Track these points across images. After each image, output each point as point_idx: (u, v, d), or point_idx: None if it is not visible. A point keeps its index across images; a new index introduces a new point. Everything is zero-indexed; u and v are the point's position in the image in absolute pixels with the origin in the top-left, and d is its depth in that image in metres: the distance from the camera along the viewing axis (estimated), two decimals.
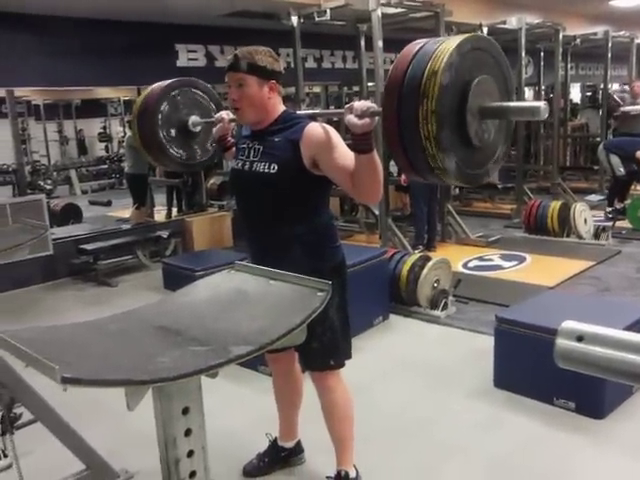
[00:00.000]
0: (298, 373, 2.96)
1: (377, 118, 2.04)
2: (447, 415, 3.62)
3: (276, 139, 2.50)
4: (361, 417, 2.81)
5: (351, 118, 2.04)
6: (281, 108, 2.57)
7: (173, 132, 3.18)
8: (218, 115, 2.90)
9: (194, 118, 3.26)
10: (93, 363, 1.38)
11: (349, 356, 2.72)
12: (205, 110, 3.40)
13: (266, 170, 2.47)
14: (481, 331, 4.70)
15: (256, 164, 2.52)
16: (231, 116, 2.79)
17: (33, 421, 2.58)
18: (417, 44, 1.98)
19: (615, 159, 8.50)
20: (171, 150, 3.21)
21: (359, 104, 2.05)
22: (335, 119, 7.64)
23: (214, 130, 2.89)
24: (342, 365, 2.69)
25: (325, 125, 2.42)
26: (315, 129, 2.42)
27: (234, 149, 2.81)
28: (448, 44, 1.84)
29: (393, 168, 7.51)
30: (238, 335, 1.54)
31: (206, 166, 4.36)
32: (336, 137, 2.38)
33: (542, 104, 1.88)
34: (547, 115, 1.91)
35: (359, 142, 2.12)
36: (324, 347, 2.59)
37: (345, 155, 2.29)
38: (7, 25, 6.59)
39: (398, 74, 1.88)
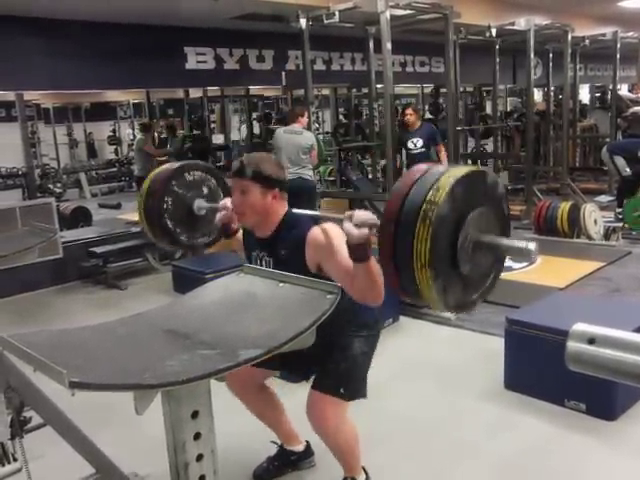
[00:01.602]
0: (265, 389, 2.96)
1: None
2: (458, 417, 3.60)
3: (282, 252, 2.53)
4: (372, 419, 2.80)
5: (349, 227, 1.98)
6: (283, 211, 2.58)
7: (177, 211, 3.14)
8: (222, 202, 2.82)
9: (200, 202, 3.21)
10: (101, 367, 1.38)
11: (362, 395, 2.68)
12: (211, 193, 3.34)
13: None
14: (491, 332, 4.68)
15: None
16: None
17: (43, 425, 2.58)
18: (418, 172, 1.94)
19: (620, 160, 8.50)
20: (170, 228, 3.17)
21: (359, 214, 2.00)
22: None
23: (217, 217, 2.81)
24: (351, 398, 2.63)
25: (327, 227, 2.37)
26: (316, 237, 2.41)
27: (239, 235, 2.83)
28: (450, 175, 1.83)
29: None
30: (247, 338, 1.53)
31: None
32: (337, 240, 2.30)
33: (533, 247, 1.89)
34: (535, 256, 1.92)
35: (355, 251, 2.06)
36: (339, 372, 2.59)
37: (346, 258, 2.21)
38: (17, 29, 6.63)
39: (397, 199, 1.86)
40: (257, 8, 7.21)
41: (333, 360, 2.54)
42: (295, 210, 2.59)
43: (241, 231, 2.83)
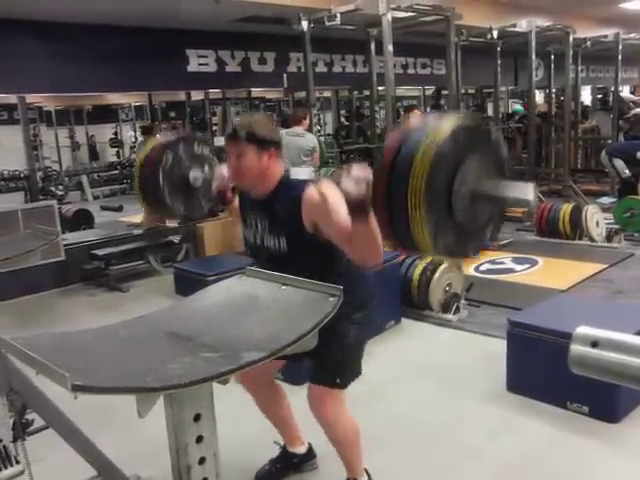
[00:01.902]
0: (275, 386, 2.98)
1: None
2: (460, 419, 3.60)
3: (279, 212, 2.52)
4: (373, 421, 2.80)
5: (347, 183, 1.95)
6: (280, 172, 2.58)
7: (173, 186, 3.15)
8: (219, 171, 2.89)
9: (195, 172, 3.23)
10: (104, 370, 1.38)
11: (357, 375, 2.69)
12: (205, 163, 3.36)
13: (276, 245, 2.54)
14: (493, 335, 4.67)
15: (266, 239, 2.59)
16: None
17: (45, 427, 2.58)
18: (414, 123, 1.93)
19: (619, 162, 8.57)
20: (170, 203, 3.18)
21: (356, 169, 1.97)
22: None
23: (213, 185, 2.90)
24: (347, 384, 2.64)
25: (324, 186, 2.29)
26: (313, 196, 2.37)
27: (236, 203, 2.83)
28: (441, 126, 1.83)
29: None
30: (249, 341, 1.53)
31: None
32: (334, 198, 2.23)
33: (531, 195, 1.89)
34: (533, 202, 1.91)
35: (354, 207, 2.02)
36: (335, 363, 2.60)
37: (344, 219, 2.19)
38: (18, 32, 6.64)
39: (391, 149, 1.84)
40: (259, 11, 7.21)
41: (329, 352, 2.51)
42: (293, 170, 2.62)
43: (237, 198, 2.83)
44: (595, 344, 1.12)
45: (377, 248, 2.19)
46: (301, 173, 2.67)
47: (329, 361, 2.58)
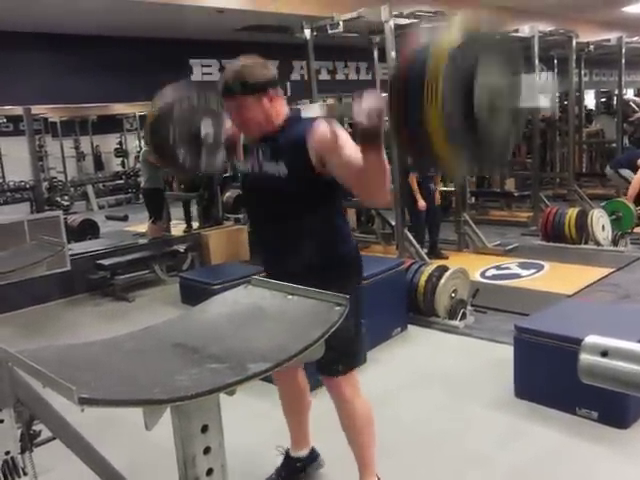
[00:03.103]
0: (302, 378, 2.96)
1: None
2: (468, 426, 3.59)
3: (283, 140, 2.47)
4: (381, 429, 2.78)
5: (359, 110, 1.91)
6: (285, 110, 2.55)
7: (185, 138, 3.17)
8: (227, 123, 2.88)
9: (206, 125, 3.25)
10: (110, 383, 1.38)
11: (361, 361, 2.68)
12: (216, 115, 3.38)
13: (276, 174, 2.47)
14: (500, 341, 4.66)
15: (265, 165, 2.52)
16: None
17: (52, 438, 2.58)
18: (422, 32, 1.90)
19: (626, 172, 8.71)
20: (181, 156, 3.20)
21: (369, 95, 1.93)
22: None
23: (223, 138, 2.85)
24: (351, 369, 2.65)
25: (332, 122, 2.32)
26: (321, 128, 2.37)
27: (241, 151, 2.78)
28: (451, 31, 1.79)
29: None
30: (256, 352, 1.53)
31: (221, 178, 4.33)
32: (343, 134, 2.29)
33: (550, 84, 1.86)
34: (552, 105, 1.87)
35: (366, 136, 1.98)
36: (331, 353, 2.57)
37: (353, 154, 2.21)
38: (23, 44, 6.67)
39: (403, 62, 1.81)
40: (261, 20, 7.24)
41: (330, 347, 2.48)
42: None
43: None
44: (605, 353, 1.12)
45: (385, 186, 2.18)
46: (312, 111, 2.63)
47: (332, 357, 2.56)
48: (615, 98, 12.38)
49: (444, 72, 1.67)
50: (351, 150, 2.22)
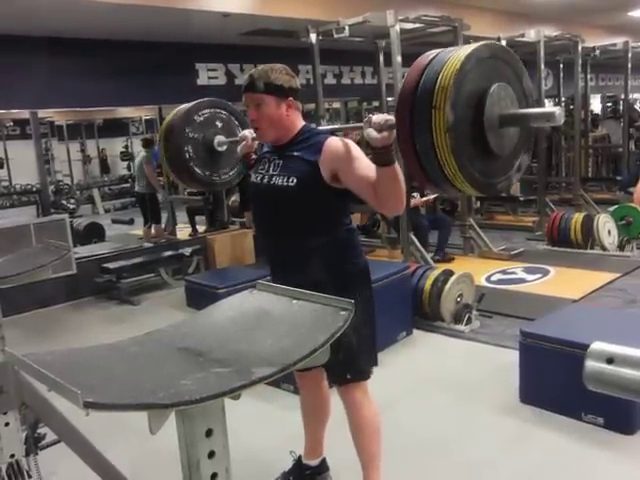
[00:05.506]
0: (326, 388, 2.96)
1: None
2: (473, 431, 3.58)
3: (296, 153, 2.51)
4: (386, 434, 2.78)
5: (370, 131, 2.05)
6: (300, 123, 2.59)
7: (199, 152, 3.18)
8: (242, 134, 2.95)
9: (219, 138, 3.26)
10: (115, 387, 1.37)
11: (372, 367, 2.69)
12: (230, 129, 3.40)
13: (285, 183, 2.49)
14: (506, 345, 4.65)
15: (275, 177, 2.54)
16: (254, 134, 2.80)
17: (57, 441, 2.58)
18: (430, 54, 1.95)
19: (634, 189, 8.66)
20: (196, 170, 3.22)
21: (377, 117, 2.05)
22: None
23: (239, 148, 2.92)
24: (361, 378, 2.66)
25: (345, 139, 2.43)
26: (334, 143, 2.43)
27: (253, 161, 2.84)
28: (460, 53, 1.81)
29: None
30: (261, 356, 1.52)
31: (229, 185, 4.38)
32: (356, 149, 2.39)
33: (557, 109, 1.87)
34: (562, 120, 1.89)
35: (380, 155, 2.13)
36: (340, 361, 2.57)
37: (366, 166, 2.30)
38: (31, 48, 6.69)
39: (410, 85, 1.86)
40: (267, 24, 7.25)
41: (332, 352, 2.48)
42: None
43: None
44: (611, 360, 1.11)
45: (401, 195, 2.25)
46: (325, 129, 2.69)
47: (339, 368, 2.56)
48: (621, 103, 12.35)
49: (451, 95, 1.70)
50: (364, 163, 2.30)
